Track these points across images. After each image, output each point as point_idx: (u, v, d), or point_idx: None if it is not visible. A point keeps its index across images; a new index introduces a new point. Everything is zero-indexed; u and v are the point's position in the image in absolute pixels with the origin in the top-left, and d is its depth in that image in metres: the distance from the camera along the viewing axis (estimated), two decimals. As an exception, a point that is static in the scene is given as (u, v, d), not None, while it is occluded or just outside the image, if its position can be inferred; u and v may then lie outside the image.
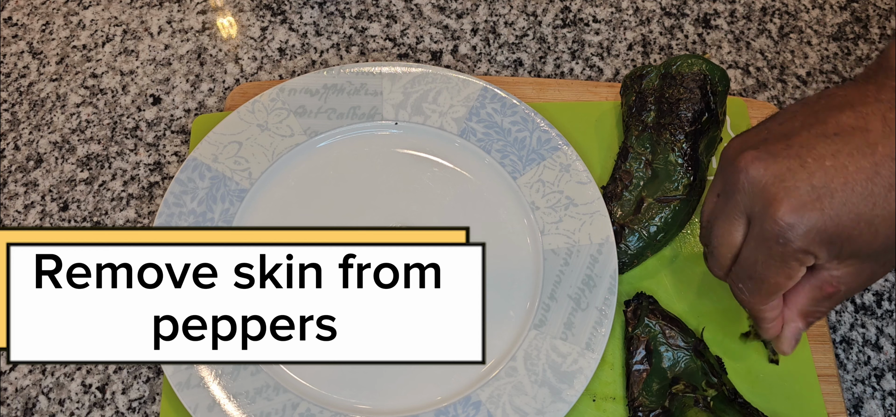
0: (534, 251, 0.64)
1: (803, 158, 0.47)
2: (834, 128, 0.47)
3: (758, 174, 0.47)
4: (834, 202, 0.46)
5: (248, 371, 0.59)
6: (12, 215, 0.68)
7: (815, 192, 0.46)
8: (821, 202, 0.46)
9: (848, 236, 0.46)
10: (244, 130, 0.67)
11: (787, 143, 0.48)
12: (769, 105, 0.71)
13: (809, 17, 0.79)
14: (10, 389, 0.62)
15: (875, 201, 0.45)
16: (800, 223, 0.46)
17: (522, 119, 0.68)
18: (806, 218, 0.46)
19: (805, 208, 0.46)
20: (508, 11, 0.79)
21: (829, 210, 0.46)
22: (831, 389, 0.60)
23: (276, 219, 0.65)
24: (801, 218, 0.46)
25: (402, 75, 0.70)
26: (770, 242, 0.47)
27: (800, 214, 0.46)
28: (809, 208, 0.46)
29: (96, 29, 0.78)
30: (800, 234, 0.46)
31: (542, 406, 0.58)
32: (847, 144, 0.46)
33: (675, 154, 0.63)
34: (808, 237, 0.46)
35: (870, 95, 0.47)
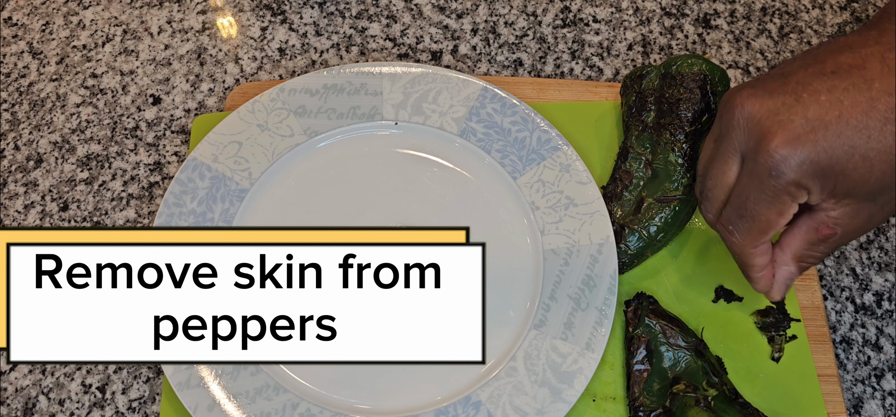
0: (534, 251, 0.64)
1: (798, 93, 0.47)
2: (831, 66, 0.47)
3: (753, 110, 0.47)
4: (828, 135, 0.45)
5: (248, 371, 0.59)
6: (12, 215, 0.68)
7: (808, 124, 0.46)
8: (815, 134, 0.46)
9: (842, 170, 0.46)
10: (244, 130, 0.67)
11: (784, 80, 0.48)
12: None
13: (809, 17, 0.79)
14: (10, 389, 0.62)
15: (870, 134, 0.45)
16: (793, 155, 0.46)
17: (522, 119, 0.68)
18: (799, 150, 0.46)
19: (798, 140, 0.46)
20: (508, 11, 0.79)
21: (823, 142, 0.46)
22: (831, 389, 0.60)
23: (276, 219, 0.65)
24: (794, 150, 0.46)
25: (402, 75, 0.70)
26: (762, 175, 0.47)
27: (793, 146, 0.46)
28: (803, 141, 0.46)
29: (96, 29, 0.78)
30: (793, 166, 0.46)
31: (542, 406, 0.58)
32: (843, 81, 0.46)
33: (675, 154, 0.64)
34: (801, 170, 0.46)
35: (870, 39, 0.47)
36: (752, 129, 0.48)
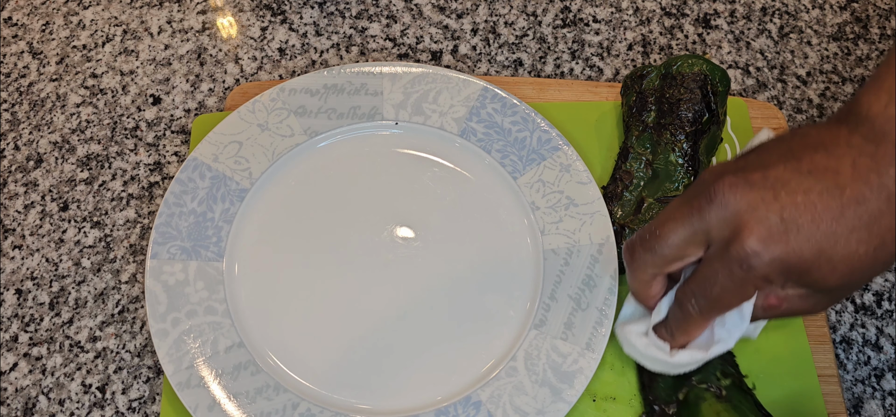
0: (534, 251, 0.64)
1: (777, 190, 0.49)
2: (808, 166, 0.49)
3: (733, 199, 0.49)
4: (799, 237, 0.48)
5: (249, 372, 0.59)
6: (12, 215, 0.68)
7: (783, 224, 0.48)
8: (787, 235, 0.48)
9: (806, 269, 0.48)
10: (244, 130, 0.67)
11: (765, 174, 0.49)
12: (769, 105, 0.71)
13: (809, 17, 0.79)
14: (10, 389, 0.62)
15: (837, 241, 0.48)
16: (765, 252, 0.48)
17: (523, 119, 0.68)
18: (772, 248, 0.48)
19: (772, 238, 0.48)
20: (508, 11, 0.79)
21: (794, 243, 0.48)
22: (831, 389, 0.60)
23: (276, 219, 0.65)
24: (766, 248, 0.48)
25: (403, 75, 0.70)
26: (733, 265, 0.49)
27: (766, 244, 0.48)
28: (776, 240, 0.48)
29: (96, 29, 0.78)
30: (764, 262, 0.48)
31: (542, 406, 0.58)
32: (818, 183, 0.48)
33: (675, 154, 0.63)
34: (771, 266, 0.48)
35: (841, 139, 0.50)
36: (729, 218, 0.49)
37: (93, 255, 0.67)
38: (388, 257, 0.64)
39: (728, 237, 0.49)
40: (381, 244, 0.65)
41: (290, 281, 0.63)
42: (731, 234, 0.49)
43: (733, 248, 0.49)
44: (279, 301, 0.63)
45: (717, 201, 0.50)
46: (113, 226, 0.68)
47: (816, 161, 0.49)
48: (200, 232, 0.64)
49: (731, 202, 0.49)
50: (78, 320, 0.64)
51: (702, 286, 0.52)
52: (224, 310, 0.61)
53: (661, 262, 0.53)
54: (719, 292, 0.51)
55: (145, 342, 0.63)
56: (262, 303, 0.62)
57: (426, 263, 0.64)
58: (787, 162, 0.50)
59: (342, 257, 0.64)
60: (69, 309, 0.65)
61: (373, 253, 0.64)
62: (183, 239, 0.63)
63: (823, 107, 0.73)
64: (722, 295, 0.51)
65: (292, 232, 0.65)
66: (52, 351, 0.63)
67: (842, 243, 0.48)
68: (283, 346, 0.61)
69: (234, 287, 0.63)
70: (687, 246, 0.52)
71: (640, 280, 0.55)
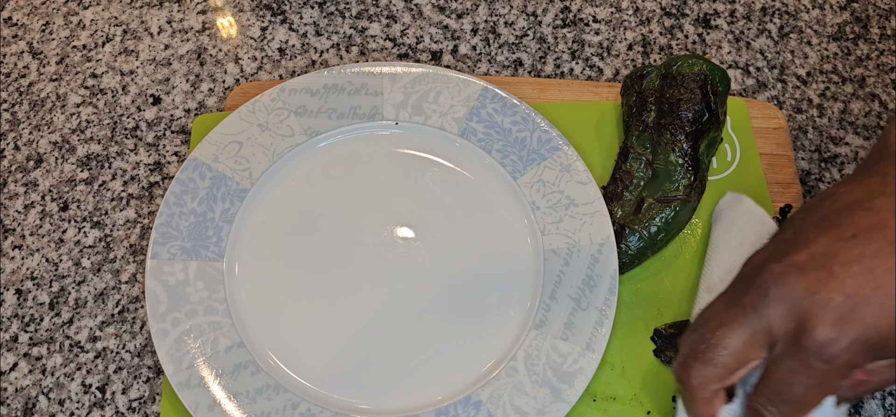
0: (534, 251, 0.64)
1: (829, 267, 0.45)
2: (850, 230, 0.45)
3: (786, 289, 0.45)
4: (871, 309, 0.44)
5: (249, 371, 0.59)
6: (12, 215, 0.68)
7: (850, 301, 0.44)
8: (858, 311, 0.44)
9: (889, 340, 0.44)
10: (245, 130, 0.67)
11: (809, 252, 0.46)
12: (769, 105, 0.71)
13: (809, 17, 0.79)
14: (10, 389, 0.62)
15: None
16: (842, 337, 0.44)
17: (523, 119, 0.68)
18: (847, 331, 0.44)
19: (843, 320, 0.44)
20: (508, 11, 0.79)
21: (868, 318, 0.44)
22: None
23: (276, 219, 0.65)
24: (842, 332, 0.44)
25: (403, 75, 0.70)
26: (811, 360, 0.45)
27: (840, 327, 0.44)
28: (848, 320, 0.44)
29: (96, 29, 0.78)
30: (844, 348, 0.44)
31: (542, 406, 0.58)
32: (869, 246, 0.44)
33: (675, 154, 0.63)
34: (852, 350, 0.44)
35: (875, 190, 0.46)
36: (791, 309, 0.45)
37: (93, 255, 0.67)
38: (389, 257, 0.64)
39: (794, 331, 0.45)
40: (381, 244, 0.65)
41: (290, 281, 0.63)
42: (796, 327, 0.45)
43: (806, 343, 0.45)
44: (279, 301, 0.63)
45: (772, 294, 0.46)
46: (113, 226, 0.68)
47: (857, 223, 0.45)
48: (201, 232, 0.64)
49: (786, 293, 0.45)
50: (78, 320, 0.64)
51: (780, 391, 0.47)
52: (224, 310, 0.61)
53: (725, 373, 0.48)
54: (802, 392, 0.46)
55: (145, 342, 0.63)
56: (263, 303, 0.62)
57: (426, 263, 0.64)
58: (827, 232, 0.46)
59: (342, 257, 0.64)
60: (69, 309, 0.65)
61: (373, 253, 0.64)
62: (183, 239, 0.63)
63: (823, 107, 0.73)
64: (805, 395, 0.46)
65: (292, 232, 0.65)
66: (52, 351, 0.63)
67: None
68: (283, 346, 0.61)
69: (235, 287, 0.63)
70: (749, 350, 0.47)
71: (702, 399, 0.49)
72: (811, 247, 0.46)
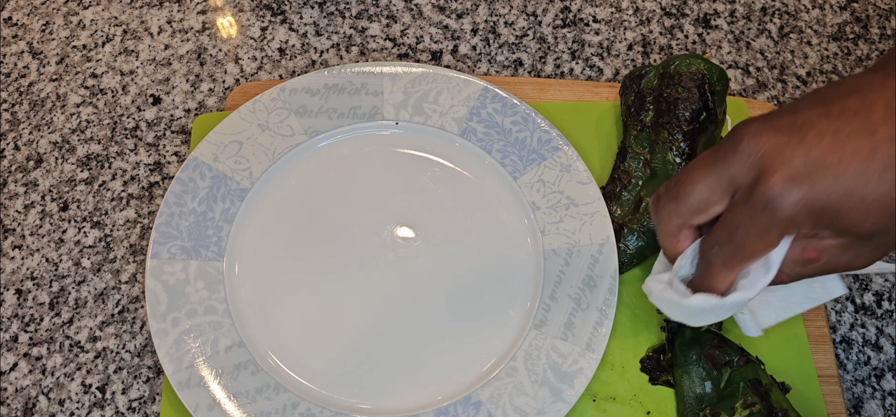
0: (534, 251, 0.64)
1: (804, 133, 0.47)
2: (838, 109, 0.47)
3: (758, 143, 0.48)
4: (827, 176, 0.46)
5: (249, 371, 0.59)
6: (12, 215, 0.68)
7: (809, 165, 0.46)
8: (813, 176, 0.46)
9: (836, 212, 0.47)
10: (245, 130, 0.67)
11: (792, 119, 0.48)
12: (769, 105, 0.71)
13: (809, 17, 0.79)
14: (10, 389, 0.62)
15: (868, 180, 0.46)
16: (790, 193, 0.47)
17: (523, 119, 0.68)
18: (797, 189, 0.46)
19: (797, 179, 0.46)
20: (508, 11, 0.79)
21: (821, 184, 0.46)
22: (831, 389, 0.60)
23: (276, 219, 0.65)
24: (791, 188, 0.47)
25: (403, 75, 0.70)
26: (757, 208, 0.48)
27: (791, 184, 0.46)
28: (801, 180, 0.46)
29: (96, 29, 0.78)
30: (789, 204, 0.47)
31: (542, 407, 0.58)
32: (848, 125, 0.46)
33: (673, 153, 0.64)
34: (796, 208, 0.47)
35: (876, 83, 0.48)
36: (755, 162, 0.48)
37: (93, 255, 0.67)
38: (389, 257, 0.64)
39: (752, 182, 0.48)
40: (381, 244, 0.65)
41: (289, 281, 0.63)
42: (755, 178, 0.48)
43: (757, 191, 0.47)
44: (279, 301, 0.63)
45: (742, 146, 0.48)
46: (113, 226, 0.68)
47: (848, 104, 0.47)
48: (201, 232, 0.64)
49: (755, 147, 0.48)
50: (78, 320, 0.64)
51: (725, 233, 0.50)
52: (224, 310, 0.61)
53: (686, 212, 0.52)
54: (743, 237, 0.49)
55: (145, 342, 0.63)
56: (263, 303, 0.62)
57: (426, 263, 0.64)
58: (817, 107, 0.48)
59: (342, 257, 0.64)
60: (69, 309, 0.65)
61: (373, 253, 0.64)
62: (183, 239, 0.63)
63: (823, 107, 0.73)
64: (745, 241, 0.49)
65: (292, 232, 0.65)
66: (52, 351, 0.63)
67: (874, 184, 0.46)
68: (282, 346, 0.61)
69: (235, 287, 0.63)
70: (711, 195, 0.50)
71: (665, 232, 0.54)
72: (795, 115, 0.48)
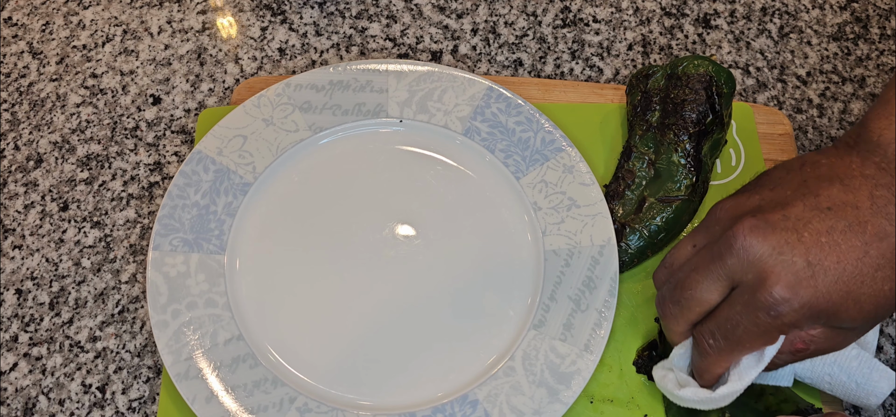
0: (535, 252, 0.64)
1: (800, 232, 0.48)
2: (826, 202, 0.48)
3: (754, 244, 0.48)
4: (827, 279, 0.47)
5: (247, 364, 0.59)
6: (12, 215, 0.68)
7: (810, 268, 0.47)
8: (815, 279, 0.47)
9: (834, 311, 0.48)
10: (249, 125, 0.67)
11: (784, 214, 0.49)
12: (776, 111, 0.71)
13: (809, 17, 0.79)
14: (10, 389, 0.61)
15: (863, 280, 0.47)
16: (794, 299, 0.47)
17: (527, 119, 0.68)
18: (800, 295, 0.47)
19: (800, 284, 0.47)
20: (508, 11, 0.79)
21: (822, 287, 0.47)
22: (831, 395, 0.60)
23: (279, 214, 0.65)
24: (795, 294, 0.47)
25: (408, 73, 0.70)
26: (760, 312, 0.48)
27: (794, 289, 0.47)
28: (804, 285, 0.47)
29: (96, 29, 0.78)
30: (793, 308, 0.48)
31: (539, 407, 0.58)
32: (840, 221, 0.48)
33: (678, 155, 0.63)
34: (799, 313, 0.48)
35: (855, 169, 0.49)
36: (753, 263, 0.49)
37: (93, 255, 0.67)
38: (389, 255, 0.64)
39: (753, 283, 0.49)
40: (382, 241, 0.65)
41: (290, 276, 0.63)
42: (755, 279, 0.48)
43: (760, 295, 0.48)
44: (279, 296, 0.63)
45: (738, 246, 0.49)
46: (113, 226, 0.68)
47: (834, 196, 0.48)
48: (203, 225, 0.64)
49: (753, 247, 0.48)
50: (78, 320, 0.64)
51: (723, 327, 0.51)
52: (224, 303, 0.61)
53: (692, 315, 0.53)
54: (742, 335, 0.50)
55: (145, 343, 0.63)
56: (263, 297, 0.62)
57: (427, 261, 0.64)
58: (805, 199, 0.49)
59: (343, 254, 0.64)
60: (69, 309, 0.64)
61: (374, 250, 0.64)
62: (185, 231, 0.63)
63: (823, 107, 0.73)
64: (744, 339, 0.50)
65: (294, 227, 0.65)
66: (52, 351, 0.63)
67: (868, 283, 0.47)
68: (281, 340, 0.61)
69: (235, 281, 0.63)
70: (711, 294, 0.51)
71: (675, 332, 0.55)
72: (786, 209, 0.49)
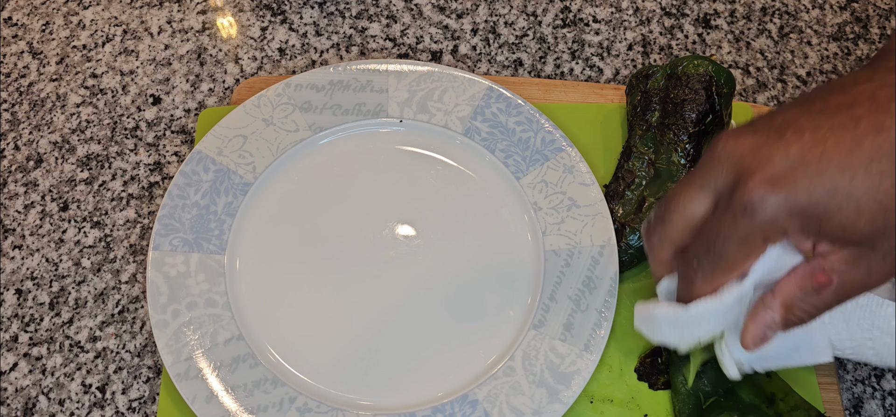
0: (535, 252, 0.64)
1: (783, 131, 0.45)
2: (820, 106, 0.45)
3: (735, 146, 0.46)
4: (808, 173, 0.43)
5: (247, 364, 0.59)
6: (12, 215, 0.68)
7: (788, 163, 0.44)
8: (794, 174, 0.44)
9: (824, 211, 0.44)
10: (249, 124, 0.67)
11: (771, 119, 0.46)
12: (770, 109, 0.71)
13: (809, 17, 0.79)
14: (10, 389, 0.62)
15: (853, 174, 0.43)
16: (770, 195, 0.44)
17: (527, 119, 0.68)
18: (777, 190, 0.44)
19: (778, 179, 0.44)
20: (508, 11, 0.79)
21: (803, 182, 0.44)
22: (831, 397, 0.60)
23: (279, 214, 0.65)
24: (771, 190, 0.44)
25: (408, 73, 0.70)
26: (737, 213, 0.45)
27: (771, 185, 0.44)
28: (781, 180, 0.44)
29: (96, 29, 0.78)
30: (770, 206, 0.44)
31: (538, 407, 0.58)
32: (829, 120, 0.44)
33: (677, 155, 0.63)
34: (777, 210, 0.44)
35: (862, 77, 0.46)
36: (732, 166, 0.46)
37: (93, 255, 0.67)
38: (390, 255, 0.64)
39: (731, 185, 0.46)
40: (382, 241, 0.65)
41: (290, 276, 0.63)
42: (733, 181, 0.45)
43: (736, 196, 0.45)
44: (279, 296, 0.63)
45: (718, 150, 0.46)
46: (113, 226, 0.68)
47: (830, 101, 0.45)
48: (203, 225, 0.64)
49: (733, 150, 0.46)
50: (78, 320, 0.64)
51: (704, 244, 0.48)
52: (224, 303, 0.61)
53: (675, 232, 0.49)
54: (722, 247, 0.47)
55: (145, 343, 0.63)
56: (263, 297, 0.62)
57: (427, 261, 0.64)
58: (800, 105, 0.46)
59: (343, 253, 0.64)
60: (69, 309, 0.64)
61: (374, 250, 0.64)
62: (185, 231, 0.63)
63: (824, 107, 0.73)
64: (725, 251, 0.47)
65: (294, 227, 0.65)
66: (52, 351, 0.63)
67: (860, 177, 0.43)
68: (281, 340, 0.61)
69: (235, 280, 0.63)
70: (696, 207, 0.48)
71: (659, 260, 0.52)
72: (775, 116, 0.46)
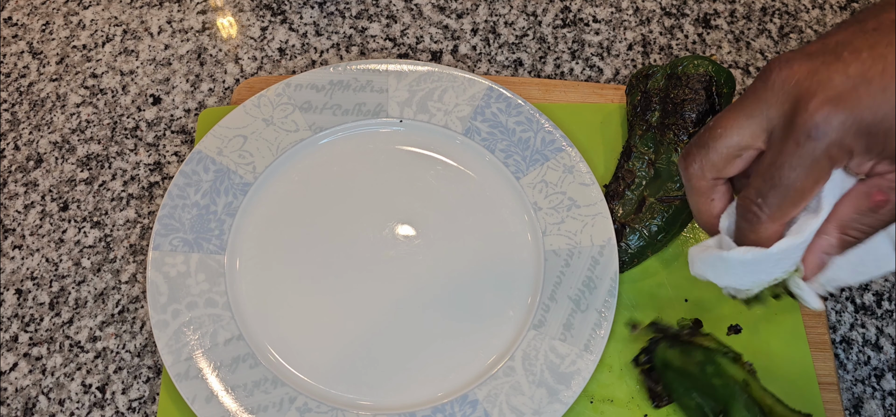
0: (535, 252, 0.64)
1: (839, 52, 0.43)
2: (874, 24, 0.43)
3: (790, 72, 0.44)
4: (871, 90, 0.42)
5: (247, 364, 0.59)
6: (12, 215, 0.68)
7: (850, 82, 0.42)
8: (857, 92, 0.42)
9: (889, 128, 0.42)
10: (249, 124, 0.67)
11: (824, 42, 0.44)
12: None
13: (809, 17, 0.79)
14: (10, 389, 0.62)
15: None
16: (834, 115, 0.42)
17: (527, 119, 0.68)
18: (841, 109, 0.42)
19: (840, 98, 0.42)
20: (508, 11, 0.79)
21: (867, 99, 0.42)
22: (831, 397, 0.60)
23: (279, 214, 0.65)
24: (835, 109, 0.42)
25: (408, 73, 0.70)
26: (800, 138, 0.43)
27: (834, 105, 0.42)
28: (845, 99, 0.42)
29: (96, 29, 0.78)
30: (834, 126, 0.42)
31: (538, 407, 0.58)
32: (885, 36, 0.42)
33: (678, 155, 0.64)
34: (843, 129, 0.42)
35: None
36: (790, 91, 0.43)
37: (93, 255, 0.67)
38: (390, 255, 0.64)
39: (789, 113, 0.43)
40: (382, 241, 0.65)
41: (290, 276, 0.63)
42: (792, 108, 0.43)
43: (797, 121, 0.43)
44: (279, 296, 0.63)
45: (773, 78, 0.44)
46: (113, 226, 0.68)
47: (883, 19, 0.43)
48: (203, 225, 0.64)
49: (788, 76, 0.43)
50: (78, 320, 0.64)
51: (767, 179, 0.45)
52: (224, 303, 0.61)
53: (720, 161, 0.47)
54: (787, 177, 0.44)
55: (145, 343, 0.63)
56: (263, 297, 0.62)
57: (427, 261, 0.64)
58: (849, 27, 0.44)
59: (343, 253, 0.64)
60: (69, 309, 0.64)
61: (374, 250, 0.64)
62: (185, 231, 0.63)
63: (823, 107, 0.73)
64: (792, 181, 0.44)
65: (294, 227, 0.65)
66: (52, 351, 0.63)
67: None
68: (282, 340, 0.61)
69: (235, 280, 0.63)
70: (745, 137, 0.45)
71: (698, 190, 0.48)
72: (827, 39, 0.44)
